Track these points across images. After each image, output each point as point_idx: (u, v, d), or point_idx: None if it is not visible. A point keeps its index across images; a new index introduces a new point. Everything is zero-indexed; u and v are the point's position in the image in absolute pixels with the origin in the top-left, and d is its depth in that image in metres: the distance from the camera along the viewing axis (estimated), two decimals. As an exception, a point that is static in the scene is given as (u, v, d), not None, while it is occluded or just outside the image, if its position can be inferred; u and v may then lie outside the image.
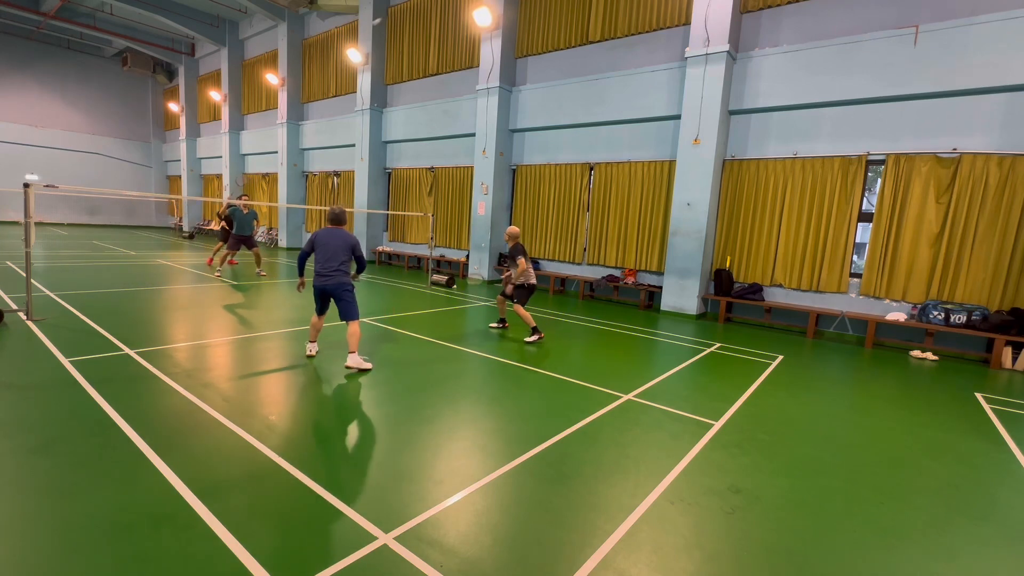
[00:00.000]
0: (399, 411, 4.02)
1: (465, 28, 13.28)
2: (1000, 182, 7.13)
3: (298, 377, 4.72)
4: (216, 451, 3.15)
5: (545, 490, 2.92)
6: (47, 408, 3.64)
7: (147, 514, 2.45)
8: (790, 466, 3.45)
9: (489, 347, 6.24)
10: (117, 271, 10.87)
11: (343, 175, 17.85)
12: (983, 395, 5.47)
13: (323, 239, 5.13)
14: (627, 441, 3.67)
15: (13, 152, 24.93)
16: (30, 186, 5.91)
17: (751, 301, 9.06)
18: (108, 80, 27.60)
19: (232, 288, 9.53)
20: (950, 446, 4.01)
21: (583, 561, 2.30)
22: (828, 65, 8.18)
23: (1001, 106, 7.13)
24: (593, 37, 10.97)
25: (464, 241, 14.05)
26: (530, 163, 12.51)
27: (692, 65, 9.11)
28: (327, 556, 2.22)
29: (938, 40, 7.33)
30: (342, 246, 5.11)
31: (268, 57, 20.33)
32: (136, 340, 5.51)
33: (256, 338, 6.00)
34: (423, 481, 2.94)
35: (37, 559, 2.13)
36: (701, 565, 2.35)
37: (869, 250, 8.23)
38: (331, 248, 5.09)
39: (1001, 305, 7.24)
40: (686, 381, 5.33)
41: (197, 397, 3.99)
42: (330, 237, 5.13)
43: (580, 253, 11.75)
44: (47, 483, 2.69)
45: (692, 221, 9.31)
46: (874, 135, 8.09)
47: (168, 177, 30.02)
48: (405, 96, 15.37)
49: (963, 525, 2.84)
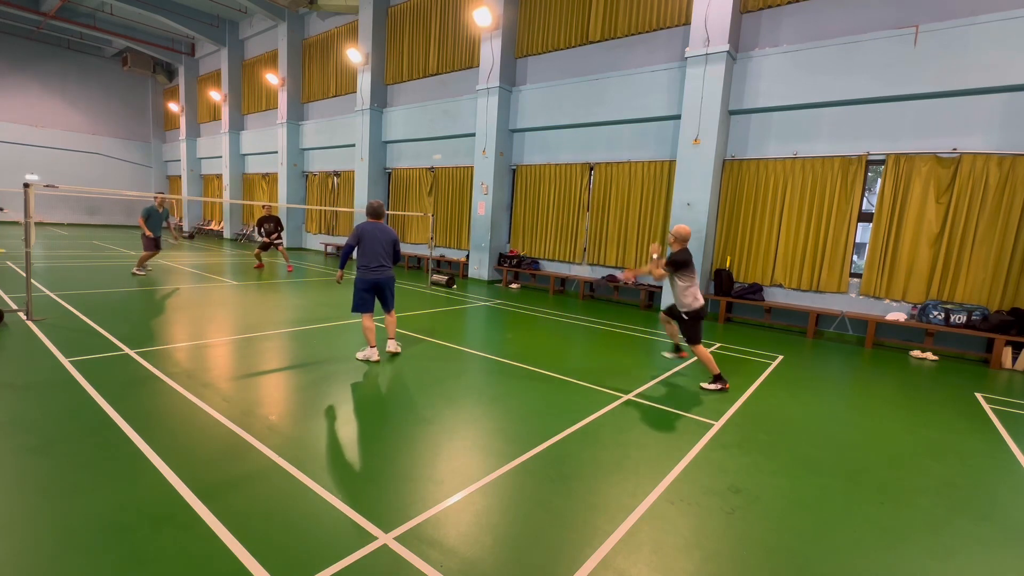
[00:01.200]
0: (399, 411, 4.02)
1: (465, 28, 13.28)
2: (1000, 182, 7.13)
3: (298, 377, 4.72)
4: (216, 451, 3.15)
5: (545, 490, 2.92)
6: (47, 408, 3.64)
7: (147, 514, 2.45)
8: (790, 466, 3.45)
9: (489, 347, 6.24)
10: (117, 271, 10.87)
11: (343, 175, 17.85)
12: (983, 395, 5.47)
13: (370, 233, 5.16)
14: (627, 441, 3.67)
15: (13, 152, 24.93)
16: (30, 186, 5.91)
17: (751, 301, 9.05)
18: (108, 80, 27.60)
19: (232, 288, 9.53)
20: (950, 446, 4.01)
21: (583, 561, 2.30)
22: (828, 65, 8.18)
23: (1001, 106, 7.13)
24: (593, 37, 10.98)
25: (464, 241, 14.05)
26: (530, 163, 12.51)
27: (692, 65, 9.11)
28: (327, 556, 2.22)
29: (938, 40, 7.33)
30: (388, 240, 5.22)
31: (268, 57, 20.33)
32: (136, 340, 5.51)
33: (256, 338, 6.00)
34: (423, 481, 2.94)
35: (37, 559, 2.13)
36: (701, 565, 2.35)
37: (869, 250, 8.23)
38: (379, 242, 5.17)
39: (1001, 305, 7.24)
40: (686, 381, 5.32)
41: (197, 397, 3.99)
42: (376, 232, 5.19)
43: (580, 253, 11.75)
44: (47, 483, 2.69)
45: (692, 221, 9.30)
46: (874, 135, 8.09)
47: (168, 177, 30.02)
48: (405, 96, 15.37)
49: (963, 525, 2.84)
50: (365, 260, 5.13)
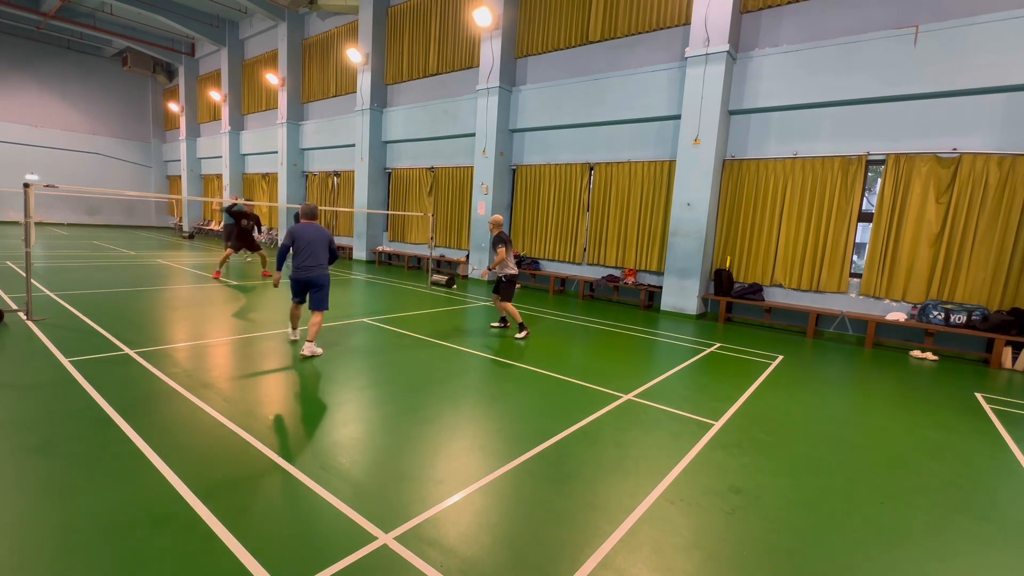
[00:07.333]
0: (399, 411, 4.02)
1: (465, 28, 13.28)
2: (1000, 182, 7.13)
3: (298, 377, 4.72)
4: (216, 451, 3.15)
5: (545, 490, 2.92)
6: (47, 408, 3.64)
7: (147, 514, 2.45)
8: (790, 466, 3.45)
9: (489, 347, 6.24)
10: (117, 271, 10.87)
11: (343, 175, 17.85)
12: (983, 395, 5.47)
13: (304, 234, 5.34)
14: (627, 441, 3.67)
15: (13, 152, 24.93)
16: (30, 186, 5.91)
17: (751, 301, 9.05)
18: (108, 80, 27.60)
19: (232, 288, 9.53)
20: (950, 446, 4.01)
21: (583, 561, 2.30)
22: (828, 65, 8.18)
23: (1001, 106, 7.13)
24: (593, 37, 10.97)
25: (464, 241, 14.05)
26: (530, 163, 12.51)
27: (692, 65, 9.10)
28: (327, 556, 2.22)
29: (938, 40, 7.33)
30: (322, 240, 5.38)
31: (268, 57, 20.33)
32: (136, 340, 5.51)
33: (256, 338, 5.99)
34: (423, 481, 2.94)
35: (37, 559, 2.13)
36: (701, 565, 2.35)
37: (869, 250, 8.23)
38: (313, 242, 5.33)
39: (1001, 305, 7.24)
40: (686, 381, 5.32)
41: (197, 397, 3.99)
42: (309, 232, 5.35)
43: (580, 253, 11.75)
44: (47, 483, 2.69)
45: (692, 221, 9.30)
46: (874, 135, 8.09)
47: (168, 177, 30.02)
48: (405, 96, 15.37)
49: (963, 525, 2.84)
50: (298, 260, 5.34)
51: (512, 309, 6.68)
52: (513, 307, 6.73)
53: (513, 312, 6.66)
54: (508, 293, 6.73)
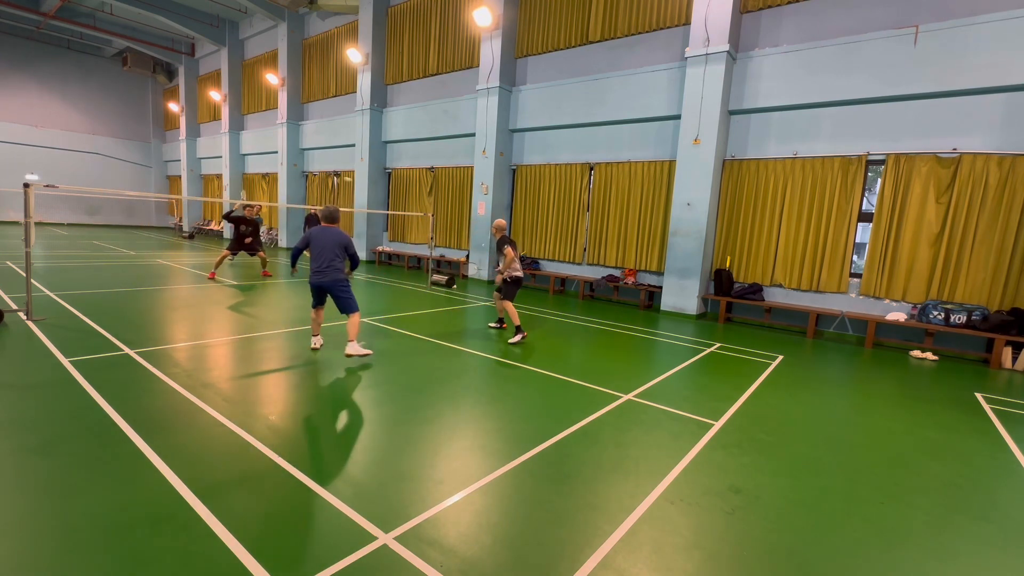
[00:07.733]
0: (399, 411, 4.02)
1: (465, 28, 13.28)
2: (1000, 182, 7.13)
3: (298, 377, 4.72)
4: (216, 451, 3.15)
5: (545, 490, 2.92)
6: (47, 408, 3.64)
7: (147, 514, 2.45)
8: (790, 466, 3.45)
9: (489, 347, 6.24)
10: (117, 271, 10.87)
11: (343, 175, 17.85)
12: (983, 395, 5.47)
13: (318, 237, 5.32)
14: (627, 441, 3.67)
15: (13, 152, 24.93)
16: (30, 186, 5.91)
17: (751, 301, 9.05)
18: (108, 80, 27.60)
19: (231, 288, 9.53)
20: (950, 446, 4.01)
21: (583, 561, 2.30)
22: (828, 65, 8.18)
23: (1001, 106, 7.13)
24: (593, 37, 10.97)
25: (464, 241, 14.05)
26: (530, 163, 12.50)
27: (692, 65, 9.10)
28: (327, 556, 2.22)
29: (938, 40, 7.33)
30: (336, 244, 5.32)
31: (268, 57, 20.32)
32: (136, 340, 5.51)
33: (256, 338, 5.99)
34: (423, 481, 2.94)
35: (37, 559, 2.13)
36: (701, 565, 2.35)
37: (869, 250, 8.23)
38: (326, 246, 5.29)
39: (1001, 305, 7.24)
40: (686, 381, 5.32)
41: (197, 397, 3.99)
42: (325, 235, 5.32)
43: (580, 253, 11.75)
44: (47, 483, 2.69)
45: (692, 221, 9.30)
46: (874, 135, 8.09)
47: (168, 177, 30.02)
48: (405, 96, 15.37)
49: (963, 525, 2.84)
50: (313, 264, 5.34)
51: (512, 310, 6.67)
52: (513, 308, 6.72)
53: (512, 313, 6.64)
54: (510, 293, 6.80)
